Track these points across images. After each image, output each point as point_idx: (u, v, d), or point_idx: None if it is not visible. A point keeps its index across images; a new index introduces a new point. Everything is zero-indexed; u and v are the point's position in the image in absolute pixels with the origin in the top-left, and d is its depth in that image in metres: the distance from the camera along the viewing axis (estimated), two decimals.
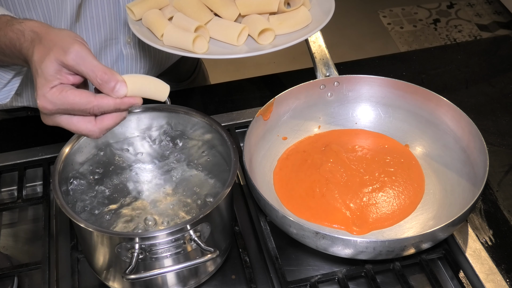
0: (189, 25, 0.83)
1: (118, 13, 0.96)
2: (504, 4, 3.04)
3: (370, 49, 2.82)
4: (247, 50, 0.83)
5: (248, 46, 0.84)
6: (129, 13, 0.89)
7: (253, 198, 0.88)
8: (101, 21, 0.95)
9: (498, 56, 1.24)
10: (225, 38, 0.84)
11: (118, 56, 1.03)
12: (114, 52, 1.02)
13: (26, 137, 1.05)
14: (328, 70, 1.00)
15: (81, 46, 0.65)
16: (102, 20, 0.95)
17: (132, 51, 1.03)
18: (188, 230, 0.72)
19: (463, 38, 2.90)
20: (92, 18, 0.94)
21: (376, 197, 0.89)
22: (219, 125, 0.85)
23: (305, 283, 0.80)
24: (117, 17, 0.97)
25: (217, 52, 0.82)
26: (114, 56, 1.02)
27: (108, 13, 0.95)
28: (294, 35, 0.85)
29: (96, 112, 0.66)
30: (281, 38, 0.85)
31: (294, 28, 0.86)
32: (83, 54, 0.64)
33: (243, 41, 0.84)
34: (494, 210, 0.90)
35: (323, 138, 1.00)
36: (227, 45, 0.84)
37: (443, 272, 0.85)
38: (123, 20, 0.98)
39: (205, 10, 0.88)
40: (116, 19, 0.97)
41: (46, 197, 0.92)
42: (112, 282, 0.80)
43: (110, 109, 0.66)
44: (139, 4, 0.88)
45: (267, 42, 0.84)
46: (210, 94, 1.15)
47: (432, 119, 0.96)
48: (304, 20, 0.87)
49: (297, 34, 0.85)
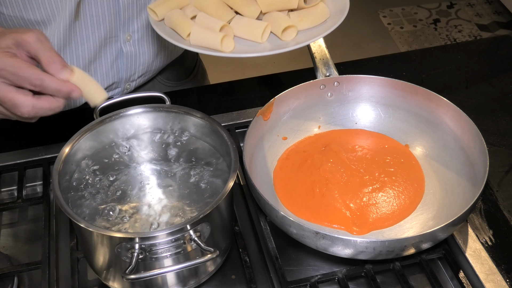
0: (214, 25, 0.84)
1: (117, 11, 0.96)
2: (504, 4, 3.04)
3: (370, 49, 2.82)
4: (270, 47, 0.84)
5: (271, 43, 0.85)
6: (151, 14, 0.89)
7: (253, 198, 0.88)
8: (101, 19, 0.96)
9: (498, 56, 1.24)
10: (249, 36, 0.85)
11: (118, 53, 1.03)
12: (114, 50, 1.02)
13: (26, 137, 1.05)
14: (328, 70, 1.00)
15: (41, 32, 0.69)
16: (102, 18, 0.96)
17: (132, 48, 1.03)
18: (188, 230, 0.72)
19: (463, 38, 2.90)
20: (92, 16, 0.94)
21: (376, 197, 0.89)
22: (219, 125, 0.85)
23: (305, 283, 0.80)
24: (116, 15, 0.97)
25: (243, 51, 0.83)
26: (114, 54, 1.02)
27: (108, 12, 0.95)
28: (314, 31, 0.86)
29: (38, 85, 0.68)
30: (302, 34, 0.86)
31: (314, 24, 0.87)
32: (41, 37, 0.69)
33: (266, 38, 0.85)
34: (494, 210, 0.90)
35: (323, 138, 1.00)
36: (250, 42, 0.85)
37: (443, 272, 0.85)
38: (122, 18, 0.98)
39: (226, 8, 0.88)
40: (116, 17, 0.97)
41: (46, 197, 0.92)
42: (112, 282, 0.80)
43: (51, 88, 0.68)
44: (161, 5, 0.88)
45: (289, 38, 0.85)
46: (210, 94, 1.15)
47: (432, 119, 0.96)
48: (323, 16, 0.88)
49: (317, 30, 0.86)
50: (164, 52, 1.11)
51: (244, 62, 2.83)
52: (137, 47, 1.04)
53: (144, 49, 1.06)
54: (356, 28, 2.94)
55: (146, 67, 1.09)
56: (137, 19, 1.00)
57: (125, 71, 1.06)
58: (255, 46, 0.85)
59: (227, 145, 0.82)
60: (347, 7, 0.89)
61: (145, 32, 1.03)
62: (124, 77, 1.07)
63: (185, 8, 0.90)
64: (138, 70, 1.08)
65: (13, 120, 0.76)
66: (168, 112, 0.88)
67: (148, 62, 1.09)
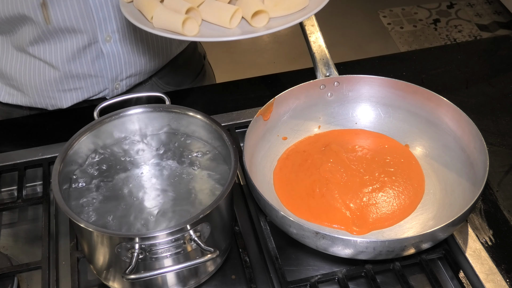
0: (180, 7, 0.80)
1: (90, 13, 0.95)
2: (504, 4, 3.04)
3: (370, 49, 2.82)
4: (240, 33, 0.80)
5: (241, 29, 0.81)
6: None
7: (253, 198, 0.88)
8: (74, 22, 0.95)
9: (498, 56, 1.24)
10: (217, 20, 0.81)
11: (98, 55, 1.02)
12: (94, 51, 1.01)
13: (26, 137, 1.05)
14: (328, 70, 1.00)
15: None
16: (75, 22, 0.95)
17: (113, 48, 1.02)
18: (188, 230, 0.72)
19: (463, 38, 2.90)
20: (64, 20, 0.94)
21: (376, 197, 0.89)
22: (219, 125, 0.85)
23: (305, 283, 0.80)
24: (90, 16, 0.96)
25: (208, 35, 0.79)
26: (94, 54, 1.01)
27: (80, 14, 0.94)
28: (289, 18, 0.82)
29: None
30: (275, 21, 0.82)
31: (290, 11, 0.83)
32: None
33: (236, 24, 0.81)
34: (494, 210, 0.90)
35: (323, 138, 1.00)
36: (219, 28, 0.81)
37: (443, 272, 0.85)
38: (96, 19, 0.96)
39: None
40: (90, 19, 0.96)
41: (46, 197, 0.92)
42: (112, 282, 0.80)
43: None
44: None
45: (260, 25, 0.81)
46: (210, 94, 1.15)
47: (432, 119, 0.96)
48: (300, 3, 0.83)
49: (291, 17, 0.82)
50: (154, 51, 1.08)
51: (244, 62, 2.83)
52: (119, 47, 1.02)
53: (127, 48, 1.04)
54: (356, 28, 2.94)
55: (134, 66, 1.07)
56: (115, 19, 0.99)
57: (109, 71, 1.05)
58: (224, 31, 0.80)
59: (227, 145, 0.82)
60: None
61: (126, 32, 1.01)
62: (109, 77, 1.06)
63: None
64: (124, 70, 1.07)
65: None
66: (168, 112, 0.88)
67: (135, 62, 1.07)
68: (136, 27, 1.00)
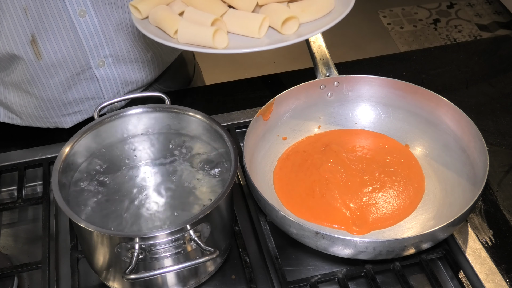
0: (204, 19, 0.76)
1: (80, 43, 0.94)
2: (504, 4, 3.04)
3: (370, 49, 2.82)
4: (269, 42, 0.76)
5: (270, 38, 0.77)
6: (133, 12, 0.82)
7: (253, 198, 0.88)
8: (66, 54, 0.93)
9: (498, 56, 1.24)
10: (245, 31, 0.77)
11: (93, 78, 1.00)
12: (88, 76, 0.99)
13: (26, 137, 1.05)
14: (328, 70, 1.00)
15: None
16: (66, 53, 0.93)
17: (107, 72, 1.00)
18: (188, 230, 0.72)
19: (463, 38, 2.90)
20: (56, 53, 0.92)
21: (376, 197, 0.89)
22: (219, 125, 0.85)
23: (305, 283, 0.80)
24: (81, 47, 0.94)
25: (238, 46, 0.75)
26: (89, 79, 1.00)
27: (71, 45, 0.93)
28: (317, 23, 0.79)
29: None
30: (304, 27, 0.78)
31: (317, 15, 0.80)
32: None
33: (264, 33, 0.77)
34: (494, 210, 0.90)
35: (323, 138, 1.00)
36: (246, 38, 0.77)
37: (443, 272, 0.85)
38: (87, 48, 0.94)
39: (217, 2, 0.80)
40: (82, 49, 0.94)
41: (46, 197, 0.92)
42: (112, 282, 0.80)
43: None
44: (144, 1, 0.80)
45: (290, 32, 0.77)
46: (210, 94, 1.15)
47: (432, 119, 0.96)
48: (327, 6, 0.80)
49: (321, 22, 0.78)
50: (150, 66, 1.06)
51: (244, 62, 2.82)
52: (113, 70, 1.00)
53: (122, 69, 1.02)
54: (356, 28, 2.94)
55: (131, 84, 1.05)
56: (107, 45, 0.97)
57: (105, 92, 1.03)
58: (253, 42, 0.76)
59: (227, 145, 0.82)
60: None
61: (120, 55, 0.99)
62: (106, 97, 1.04)
63: (171, 4, 0.82)
64: (121, 88, 1.05)
65: None
66: (168, 112, 0.88)
67: (132, 81, 1.05)
68: (129, 49, 0.99)
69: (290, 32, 0.78)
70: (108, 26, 0.95)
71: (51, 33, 0.90)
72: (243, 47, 0.75)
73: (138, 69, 1.04)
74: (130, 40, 0.99)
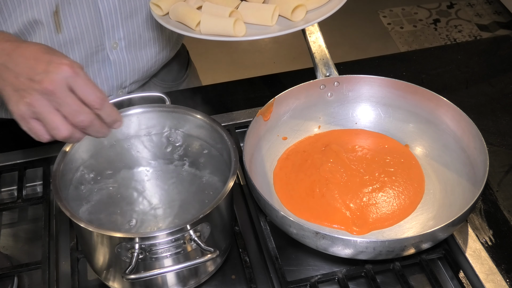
0: (222, 12, 0.84)
1: (99, 20, 0.95)
2: (504, 4, 3.04)
3: (370, 49, 2.82)
4: (280, 28, 0.83)
5: (280, 25, 0.84)
6: (154, 9, 0.88)
7: (253, 198, 0.88)
8: (84, 29, 0.95)
9: (498, 56, 1.24)
10: (259, 20, 0.84)
11: (105, 61, 1.02)
12: (100, 57, 1.01)
13: (26, 137, 1.04)
14: (328, 70, 1.00)
15: None
16: (84, 28, 0.95)
17: (119, 56, 1.02)
18: (188, 230, 0.72)
19: (463, 38, 2.90)
20: (75, 28, 0.94)
21: (376, 197, 0.89)
22: (219, 125, 0.85)
23: (305, 283, 0.80)
24: (99, 25, 0.96)
25: (255, 34, 0.82)
26: (101, 62, 1.01)
27: (90, 22, 0.95)
28: (323, 9, 0.85)
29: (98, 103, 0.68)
30: (311, 14, 0.85)
31: (323, 2, 0.86)
32: None
33: (275, 21, 0.84)
34: (494, 210, 0.90)
35: (323, 138, 1.00)
36: (259, 26, 0.85)
37: (443, 272, 0.85)
38: (105, 26, 0.97)
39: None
40: (99, 27, 0.96)
41: (46, 197, 0.92)
42: (112, 282, 0.80)
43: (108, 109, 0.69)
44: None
45: (299, 19, 0.84)
46: (210, 94, 1.15)
47: (432, 119, 0.96)
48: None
49: (326, 8, 0.85)
50: (157, 57, 1.09)
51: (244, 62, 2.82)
52: (125, 54, 1.03)
53: (132, 56, 1.04)
54: (356, 28, 2.94)
55: (137, 73, 1.07)
56: (122, 27, 0.99)
57: (114, 78, 1.05)
58: (265, 29, 0.84)
59: (227, 145, 0.82)
60: None
61: (132, 39, 1.02)
62: (114, 85, 1.06)
63: (188, 0, 0.89)
64: (129, 77, 1.06)
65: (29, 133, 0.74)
66: (168, 112, 0.88)
67: (139, 69, 1.07)
68: (141, 33, 1.02)
69: (299, 19, 0.84)
70: (126, 6, 0.97)
71: (73, 6, 0.92)
72: (259, 34, 0.82)
73: (146, 58, 1.06)
74: (143, 25, 1.02)
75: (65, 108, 0.67)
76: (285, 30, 0.81)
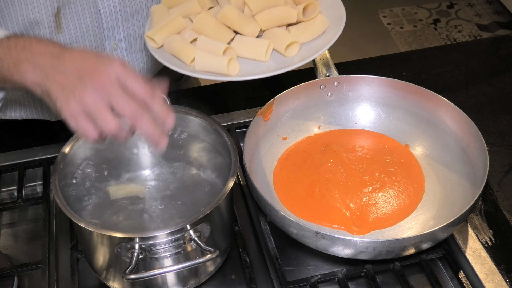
0: (216, 48, 0.83)
1: (100, 21, 0.95)
2: (504, 4, 3.04)
3: (370, 49, 2.82)
4: (275, 66, 0.83)
5: (275, 61, 0.84)
6: (149, 42, 0.88)
7: (253, 198, 0.88)
8: (84, 30, 0.95)
9: (498, 56, 1.24)
10: (253, 55, 0.84)
11: None
12: None
13: (26, 137, 1.05)
14: (328, 70, 1.00)
15: None
16: (85, 29, 0.95)
17: (119, 57, 1.02)
18: (188, 230, 0.72)
19: (463, 38, 2.90)
20: (76, 28, 0.94)
21: (376, 197, 0.89)
22: (219, 125, 0.85)
23: (305, 283, 0.80)
24: (100, 25, 0.96)
25: (248, 73, 0.82)
26: None
27: (90, 23, 0.95)
28: (315, 43, 0.86)
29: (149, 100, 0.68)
30: (305, 48, 0.86)
31: (314, 36, 0.87)
32: None
33: (269, 56, 0.85)
34: (494, 210, 0.90)
35: (323, 138, 1.00)
36: (253, 62, 0.84)
37: (443, 272, 0.85)
38: (105, 27, 0.97)
39: (225, 29, 0.87)
40: (100, 27, 0.96)
41: (46, 197, 0.92)
42: (112, 282, 0.80)
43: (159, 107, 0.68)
44: (159, 31, 0.87)
45: (293, 54, 0.85)
46: (210, 94, 1.15)
47: (432, 119, 0.96)
48: (322, 27, 0.87)
49: (318, 42, 0.86)
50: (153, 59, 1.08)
51: None
52: (126, 56, 1.03)
53: (133, 57, 1.04)
54: (356, 28, 2.94)
55: None
56: (122, 28, 0.99)
57: None
58: (259, 65, 0.84)
59: (227, 145, 0.82)
60: (343, 15, 0.88)
61: (132, 40, 1.02)
62: None
63: (183, 32, 0.89)
64: None
65: None
66: None
67: (140, 70, 1.07)
68: (141, 35, 1.02)
69: (293, 54, 0.85)
70: (127, 7, 0.97)
71: (74, 7, 0.92)
72: (253, 73, 0.82)
73: (146, 59, 1.06)
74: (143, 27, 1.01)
75: (116, 102, 0.66)
76: (279, 70, 0.81)
